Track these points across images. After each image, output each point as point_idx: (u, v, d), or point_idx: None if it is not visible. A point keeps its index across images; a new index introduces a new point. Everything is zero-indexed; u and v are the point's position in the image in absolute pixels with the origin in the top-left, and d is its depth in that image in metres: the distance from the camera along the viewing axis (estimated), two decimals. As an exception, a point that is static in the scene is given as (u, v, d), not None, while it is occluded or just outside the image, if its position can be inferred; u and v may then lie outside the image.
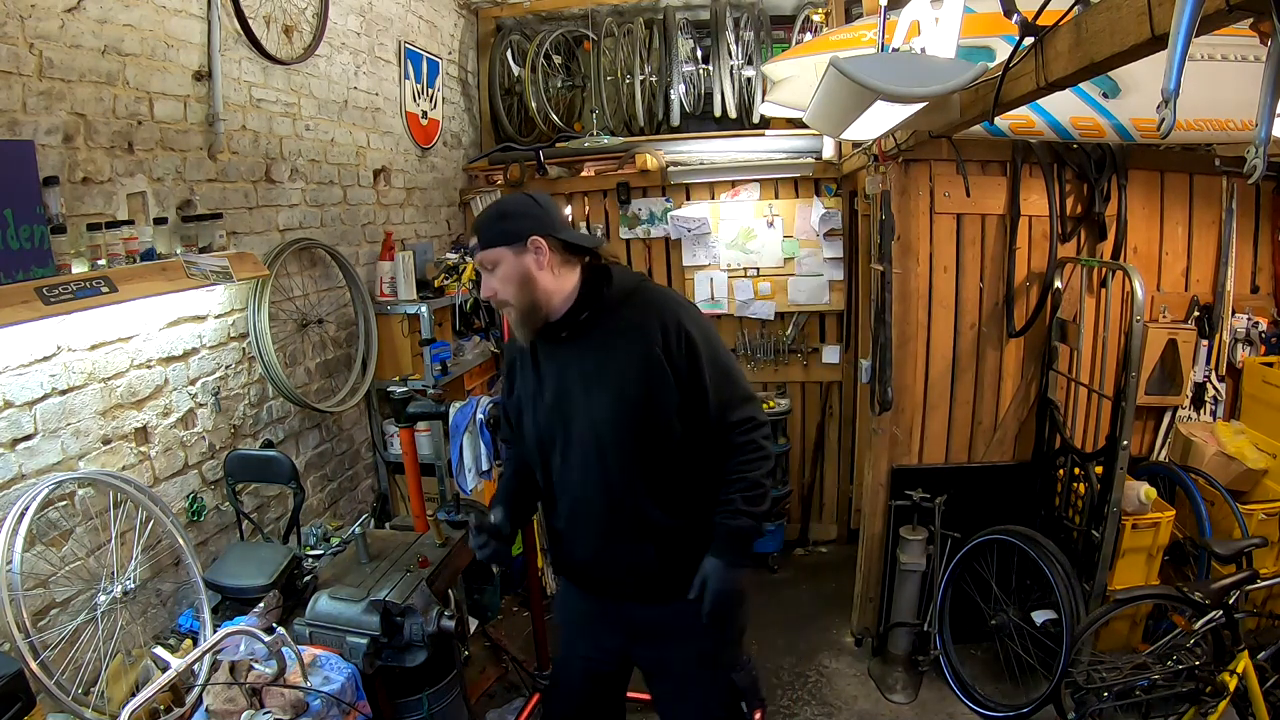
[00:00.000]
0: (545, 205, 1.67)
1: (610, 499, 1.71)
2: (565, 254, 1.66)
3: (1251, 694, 2.30)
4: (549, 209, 1.67)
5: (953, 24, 1.88)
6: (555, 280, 1.64)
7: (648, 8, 4.38)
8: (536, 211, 1.64)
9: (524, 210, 1.64)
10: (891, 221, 3.03)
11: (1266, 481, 2.98)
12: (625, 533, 1.73)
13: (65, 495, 1.81)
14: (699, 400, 1.67)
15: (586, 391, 1.68)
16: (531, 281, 1.62)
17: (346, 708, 1.77)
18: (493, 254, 1.62)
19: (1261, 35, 1.03)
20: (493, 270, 1.63)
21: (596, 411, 1.67)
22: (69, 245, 1.76)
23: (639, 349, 1.64)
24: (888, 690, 3.09)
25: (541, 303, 1.64)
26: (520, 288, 1.62)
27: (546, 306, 1.65)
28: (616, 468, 1.68)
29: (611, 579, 1.81)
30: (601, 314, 1.67)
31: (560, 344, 1.70)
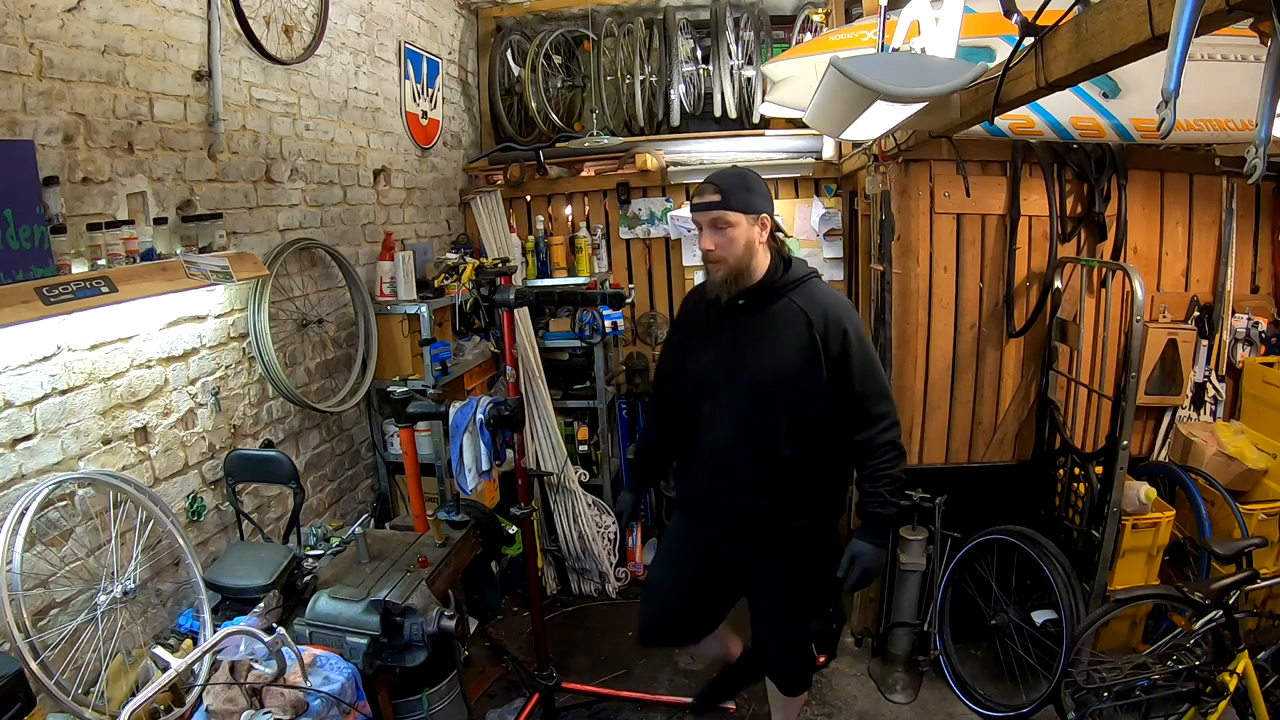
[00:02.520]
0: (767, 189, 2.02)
1: (747, 448, 2.01)
2: (771, 236, 2.00)
3: (1251, 694, 2.30)
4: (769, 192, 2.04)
5: (953, 24, 1.88)
6: (763, 253, 1.99)
7: (648, 8, 4.39)
8: (768, 194, 2.01)
9: (763, 190, 1.99)
10: (891, 221, 3.03)
11: (1266, 481, 2.98)
12: (748, 482, 2.03)
13: (65, 495, 1.81)
14: (844, 388, 1.95)
15: (753, 352, 2.00)
16: (751, 250, 1.96)
17: (346, 708, 1.77)
18: (733, 216, 1.92)
19: (1261, 35, 1.03)
20: (723, 230, 1.93)
21: (756, 370, 1.99)
22: (69, 245, 1.76)
23: (802, 330, 1.95)
24: (888, 690, 3.09)
25: (750, 269, 1.97)
26: (743, 252, 1.95)
27: (750, 271, 1.97)
28: (760, 422, 1.99)
29: (726, 518, 2.12)
30: (778, 294, 2.00)
31: (739, 309, 2.02)
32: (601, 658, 3.37)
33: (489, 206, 4.06)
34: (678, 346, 2.21)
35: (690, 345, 2.15)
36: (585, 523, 3.85)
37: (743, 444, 2.02)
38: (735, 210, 1.91)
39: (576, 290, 3.94)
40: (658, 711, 2.99)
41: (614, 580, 3.94)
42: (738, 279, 1.97)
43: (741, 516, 2.08)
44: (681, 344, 2.19)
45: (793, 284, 2.00)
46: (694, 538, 2.25)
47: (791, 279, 2.00)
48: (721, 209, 1.91)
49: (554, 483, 3.86)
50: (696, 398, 2.10)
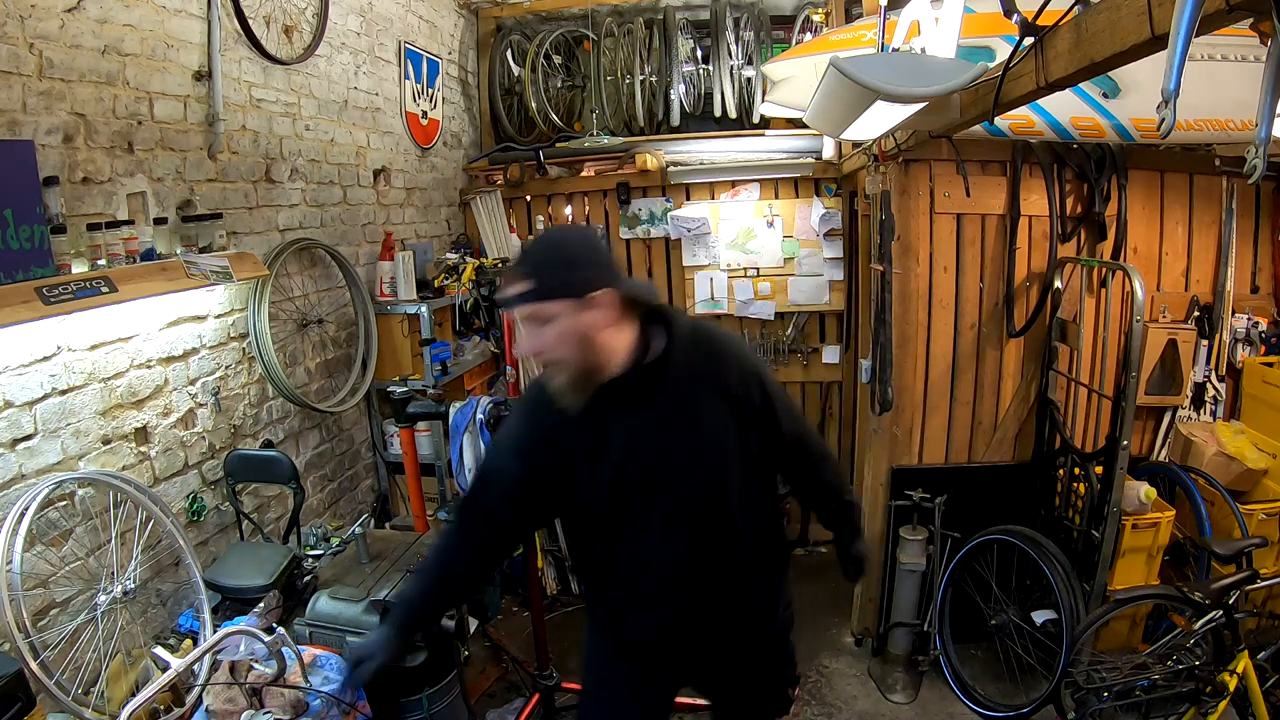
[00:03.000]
0: (605, 250, 1.49)
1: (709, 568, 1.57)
2: (626, 309, 1.44)
3: (1251, 694, 2.30)
4: (609, 253, 1.51)
5: (953, 24, 1.88)
6: (616, 336, 1.43)
7: (648, 8, 4.39)
8: (602, 259, 1.44)
9: (591, 258, 1.41)
10: (891, 221, 3.02)
11: (1266, 481, 2.98)
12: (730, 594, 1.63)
13: (65, 495, 1.81)
14: (776, 438, 1.61)
15: (678, 453, 1.50)
16: (593, 341, 1.39)
17: (346, 708, 1.77)
18: (551, 307, 1.37)
19: (1261, 35, 1.03)
20: (545, 324, 1.38)
21: (697, 474, 1.52)
22: (69, 245, 1.76)
23: (719, 396, 1.52)
24: (888, 690, 3.09)
25: (602, 363, 1.42)
26: (580, 348, 1.39)
27: (605, 366, 1.43)
28: (716, 530, 1.55)
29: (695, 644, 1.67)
30: (667, 364, 1.48)
31: (622, 404, 1.48)
32: (601, 658, 3.36)
33: (489, 206, 4.06)
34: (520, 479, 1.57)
35: (560, 472, 1.54)
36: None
37: (701, 565, 1.56)
38: (554, 299, 1.36)
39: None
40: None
41: (614, 580, 3.92)
42: (589, 379, 1.43)
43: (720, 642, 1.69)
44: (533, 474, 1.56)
45: (680, 343, 1.49)
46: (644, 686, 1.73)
47: (678, 338, 1.49)
48: (534, 301, 1.37)
49: (554, 483, 3.85)
50: (607, 527, 1.58)
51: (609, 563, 1.61)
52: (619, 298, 1.41)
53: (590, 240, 1.47)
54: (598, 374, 1.44)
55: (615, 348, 1.44)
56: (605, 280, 1.39)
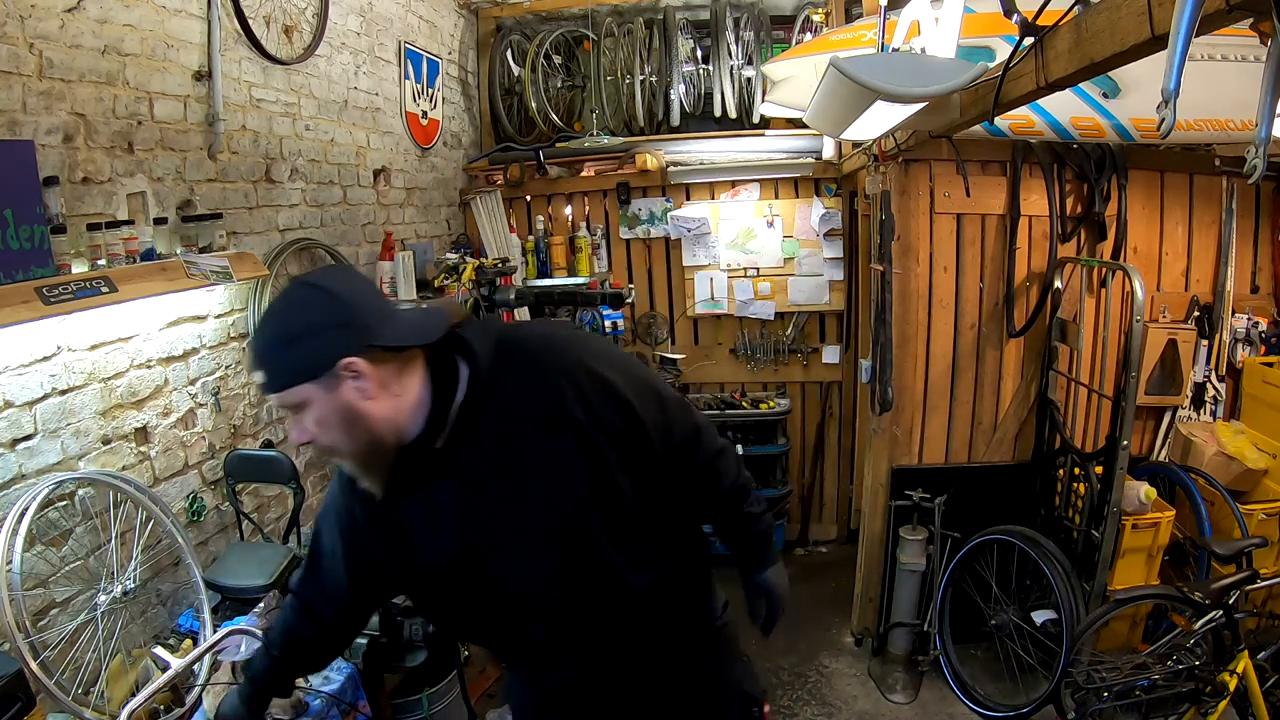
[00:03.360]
0: (348, 298, 1.11)
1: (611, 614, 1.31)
2: (398, 358, 1.13)
3: (1251, 694, 2.30)
4: (355, 301, 1.11)
5: (953, 24, 1.88)
6: (393, 400, 1.12)
7: (648, 8, 4.39)
8: (340, 315, 1.08)
9: (320, 320, 1.08)
10: (891, 221, 3.03)
11: (1266, 481, 2.98)
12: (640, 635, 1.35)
13: (65, 495, 1.81)
14: (641, 444, 1.24)
15: (514, 513, 1.20)
16: (361, 418, 1.10)
17: (346, 707, 1.77)
18: (292, 396, 1.09)
19: (1261, 35, 1.03)
20: (299, 412, 1.11)
21: (543, 532, 1.21)
22: (69, 245, 1.75)
23: (557, 429, 1.17)
24: (888, 690, 3.09)
25: (384, 438, 1.13)
26: (348, 430, 1.11)
27: (392, 439, 1.14)
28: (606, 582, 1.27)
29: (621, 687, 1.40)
30: (477, 404, 1.17)
31: (438, 467, 1.19)
32: (601, 658, 3.37)
33: (489, 206, 4.06)
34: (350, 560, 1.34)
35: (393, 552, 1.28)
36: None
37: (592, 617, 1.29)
38: (291, 385, 1.09)
39: (576, 290, 3.94)
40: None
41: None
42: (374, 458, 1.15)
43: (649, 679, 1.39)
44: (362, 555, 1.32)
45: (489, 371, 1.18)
46: None
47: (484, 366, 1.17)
48: (272, 393, 1.12)
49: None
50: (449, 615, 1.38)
51: (494, 629, 1.37)
52: (377, 356, 1.09)
53: (320, 296, 1.11)
54: (383, 452, 1.15)
55: (394, 415, 1.13)
56: (347, 344, 1.07)
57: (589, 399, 1.18)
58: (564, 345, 1.24)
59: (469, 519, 1.20)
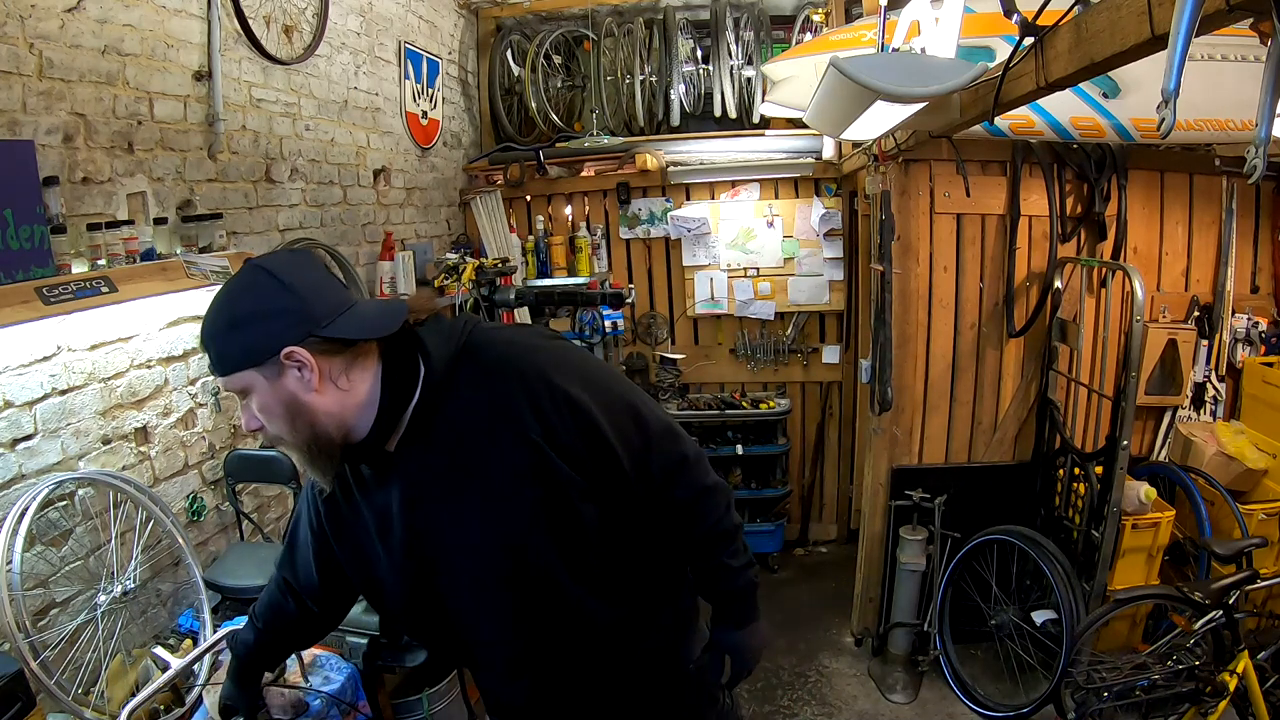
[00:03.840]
0: (297, 286, 1.06)
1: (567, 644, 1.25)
2: (348, 351, 1.09)
3: (1251, 694, 2.30)
4: (304, 289, 1.07)
5: (953, 24, 1.88)
6: (339, 394, 1.08)
7: (648, 8, 4.38)
8: (284, 303, 1.05)
9: (265, 306, 1.05)
10: (891, 221, 3.03)
11: (1266, 481, 2.98)
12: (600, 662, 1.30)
13: (65, 495, 1.81)
14: (610, 469, 1.16)
15: (467, 532, 1.16)
16: (304, 409, 1.07)
17: (346, 708, 1.77)
18: (236, 381, 1.07)
19: (1261, 35, 1.03)
20: (246, 399, 1.10)
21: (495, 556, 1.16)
22: (69, 245, 1.75)
23: (507, 443, 1.11)
24: (888, 690, 3.09)
25: (328, 432, 1.09)
26: (290, 421, 1.08)
27: (338, 434, 1.10)
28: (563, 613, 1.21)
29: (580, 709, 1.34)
30: (430, 409, 1.12)
31: (381, 468, 1.17)
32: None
33: (489, 206, 4.06)
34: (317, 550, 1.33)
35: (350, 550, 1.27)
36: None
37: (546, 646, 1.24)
38: (235, 370, 1.07)
39: (576, 290, 3.94)
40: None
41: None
42: (319, 451, 1.11)
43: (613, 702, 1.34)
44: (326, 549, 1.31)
45: (447, 374, 1.13)
46: None
47: (440, 368, 1.12)
48: (218, 375, 1.10)
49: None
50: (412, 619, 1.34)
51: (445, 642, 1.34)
52: (323, 347, 1.05)
53: (268, 282, 1.06)
54: (328, 446, 1.11)
55: (339, 410, 1.09)
56: (295, 330, 1.04)
57: (548, 417, 1.10)
58: (529, 355, 1.15)
59: (416, 527, 1.16)
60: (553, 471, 1.11)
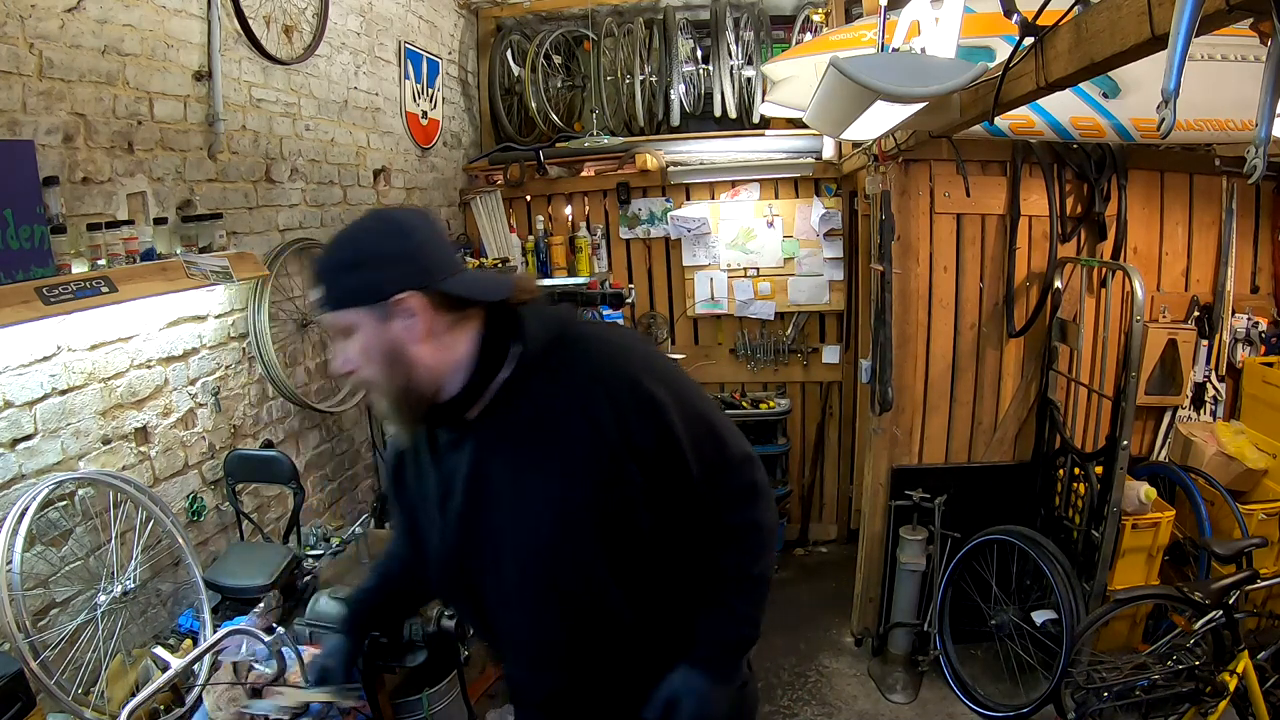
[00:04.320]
0: (418, 237, 1.11)
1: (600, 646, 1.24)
2: (454, 310, 1.12)
3: (1251, 694, 2.30)
4: (423, 243, 1.11)
5: (953, 24, 1.88)
6: (439, 350, 1.11)
7: (648, 8, 4.39)
8: (406, 250, 1.09)
9: (388, 251, 1.09)
10: (891, 221, 3.03)
11: (1266, 481, 2.98)
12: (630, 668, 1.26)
13: (65, 495, 1.81)
14: (677, 479, 1.15)
15: (505, 508, 1.16)
16: (403, 358, 1.09)
17: (347, 708, 1.77)
18: (343, 318, 1.10)
19: (1261, 35, 1.03)
20: (347, 338, 1.11)
21: (543, 545, 1.15)
22: (69, 245, 1.75)
23: (582, 436, 1.11)
24: (888, 690, 3.09)
25: (421, 385, 1.12)
26: (388, 367, 1.10)
27: (429, 389, 1.13)
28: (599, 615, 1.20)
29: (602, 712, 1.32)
30: (517, 387, 1.14)
31: (458, 433, 1.19)
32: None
33: (489, 206, 4.06)
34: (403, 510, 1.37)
35: (416, 506, 1.30)
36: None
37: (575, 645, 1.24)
38: (345, 307, 1.10)
39: (576, 290, 3.94)
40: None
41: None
42: (407, 404, 1.14)
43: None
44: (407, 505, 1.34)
45: (538, 359, 1.14)
46: None
47: (532, 352, 1.14)
48: (326, 310, 1.12)
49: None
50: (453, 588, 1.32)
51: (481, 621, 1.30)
52: (434, 301, 1.09)
53: (393, 230, 1.12)
54: (417, 400, 1.13)
55: (437, 365, 1.11)
56: (411, 280, 1.08)
57: (627, 417, 1.11)
58: (620, 355, 1.16)
59: (476, 498, 1.17)
60: (620, 470, 1.12)
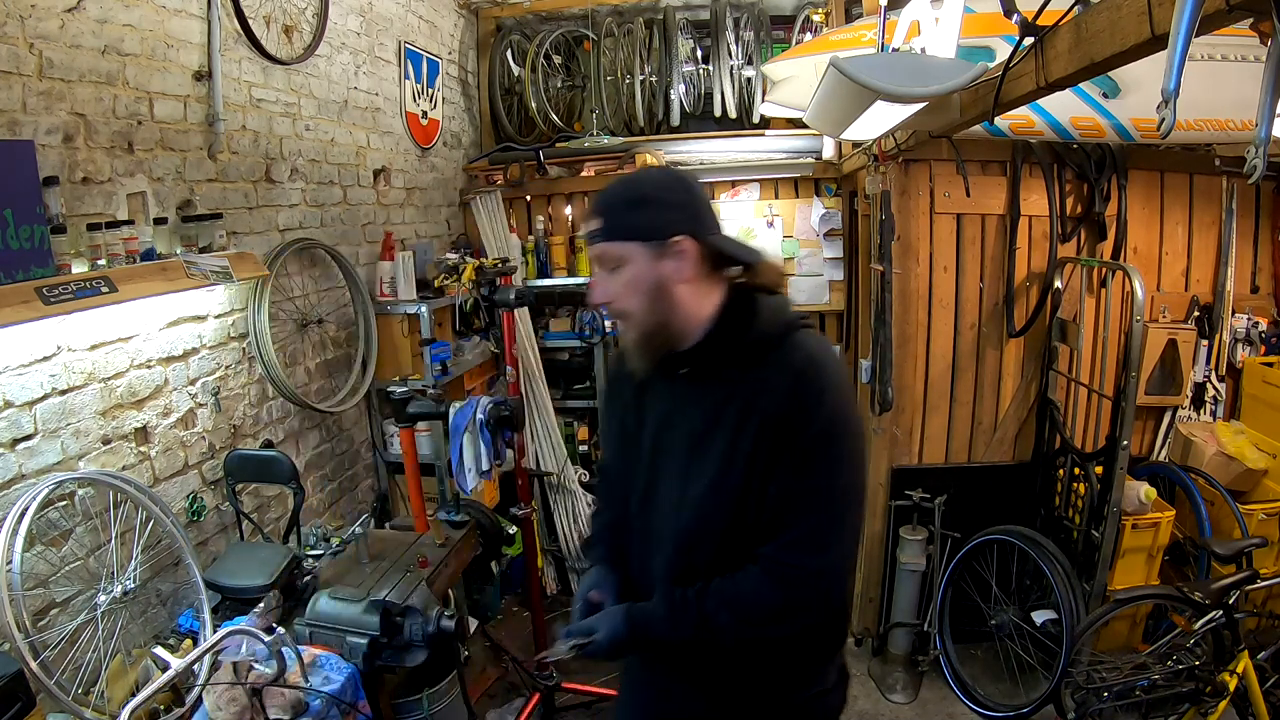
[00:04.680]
0: (698, 194, 1.26)
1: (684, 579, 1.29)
2: (712, 264, 1.25)
3: (1251, 694, 2.30)
4: (700, 198, 1.26)
5: (953, 24, 1.88)
6: (695, 297, 1.23)
7: (648, 8, 4.39)
8: (685, 200, 1.23)
9: (671, 197, 1.22)
10: (891, 221, 3.03)
11: (1266, 481, 2.98)
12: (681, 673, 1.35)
13: (65, 495, 1.81)
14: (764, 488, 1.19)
15: (683, 457, 1.26)
16: (667, 295, 1.21)
17: (346, 708, 1.77)
18: (619, 249, 1.21)
19: (1261, 35, 1.03)
20: (614, 270, 1.23)
21: (688, 488, 1.25)
22: (69, 245, 1.75)
23: (751, 420, 1.18)
24: (888, 690, 3.09)
25: (675, 325, 1.23)
26: (651, 300, 1.21)
27: (679, 331, 1.24)
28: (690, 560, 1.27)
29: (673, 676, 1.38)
30: (732, 359, 1.23)
31: (676, 381, 1.29)
32: (601, 658, 3.37)
33: (489, 206, 4.06)
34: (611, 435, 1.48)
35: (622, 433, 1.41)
36: (585, 523, 3.85)
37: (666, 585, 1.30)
38: (621, 239, 1.21)
39: (576, 290, 3.95)
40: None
41: (614, 580, 3.93)
42: (657, 339, 1.24)
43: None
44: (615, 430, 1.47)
45: (759, 344, 1.22)
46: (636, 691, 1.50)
47: (758, 335, 1.23)
48: (604, 240, 1.23)
49: (554, 483, 3.86)
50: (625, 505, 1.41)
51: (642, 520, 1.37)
52: (701, 250, 1.22)
53: (671, 178, 1.28)
54: (666, 338, 1.24)
55: (693, 310, 1.23)
56: (686, 226, 1.20)
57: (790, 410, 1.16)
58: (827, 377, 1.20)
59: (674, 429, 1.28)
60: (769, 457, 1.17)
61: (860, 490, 1.26)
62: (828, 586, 1.20)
